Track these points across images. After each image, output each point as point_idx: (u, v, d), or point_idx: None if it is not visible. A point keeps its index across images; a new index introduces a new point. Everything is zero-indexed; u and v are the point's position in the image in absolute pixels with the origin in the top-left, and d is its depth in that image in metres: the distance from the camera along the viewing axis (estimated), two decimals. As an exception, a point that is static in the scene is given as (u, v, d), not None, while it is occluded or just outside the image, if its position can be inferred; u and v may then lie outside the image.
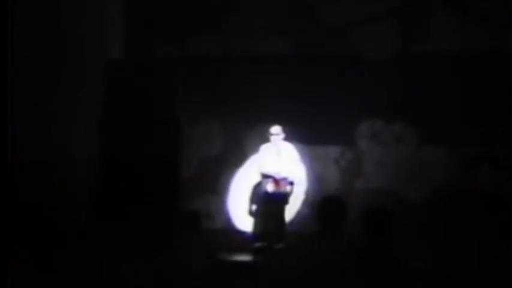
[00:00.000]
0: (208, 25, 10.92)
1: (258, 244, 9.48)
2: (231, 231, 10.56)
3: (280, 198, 9.77)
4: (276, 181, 9.71)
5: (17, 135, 7.60)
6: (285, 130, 9.85)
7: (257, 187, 9.93)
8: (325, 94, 10.54)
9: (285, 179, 9.75)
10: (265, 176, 9.77)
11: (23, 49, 8.28)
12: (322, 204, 5.50)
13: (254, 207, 9.88)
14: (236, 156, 10.82)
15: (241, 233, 10.29)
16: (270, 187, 9.69)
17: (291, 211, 10.13)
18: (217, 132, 10.96)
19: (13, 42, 7.70)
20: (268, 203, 9.71)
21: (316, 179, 10.65)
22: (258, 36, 10.80)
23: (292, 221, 10.10)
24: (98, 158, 9.51)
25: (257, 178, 9.93)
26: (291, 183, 9.79)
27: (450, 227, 9.73)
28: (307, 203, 10.56)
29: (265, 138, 9.93)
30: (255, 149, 10.19)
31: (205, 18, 10.93)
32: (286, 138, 9.94)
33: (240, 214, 10.42)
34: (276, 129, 9.83)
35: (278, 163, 9.78)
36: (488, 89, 10.10)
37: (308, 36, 10.77)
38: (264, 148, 9.92)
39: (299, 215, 10.48)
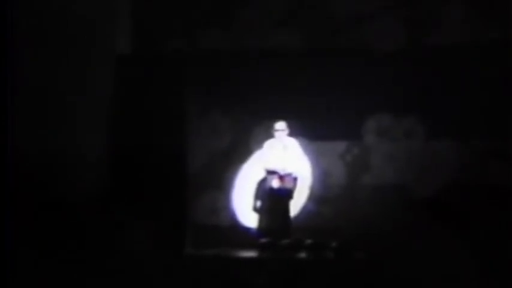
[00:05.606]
0: (217, 19, 10.85)
1: (263, 240, 9.44)
2: (236, 227, 10.49)
3: (285, 194, 9.80)
4: (281, 177, 9.70)
5: (20, 132, 7.55)
6: (291, 125, 9.81)
7: (262, 183, 9.95)
8: (331, 89, 10.45)
9: (289, 174, 9.76)
10: (269, 172, 9.77)
11: (27, 45, 8.22)
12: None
13: (259, 203, 9.89)
14: (241, 152, 10.75)
15: (247, 229, 10.25)
16: (275, 183, 9.67)
17: (296, 206, 10.13)
18: (224, 127, 10.88)
19: (17, 39, 7.65)
20: (273, 199, 9.77)
21: (321, 174, 10.57)
22: (266, 31, 10.71)
23: (297, 216, 10.09)
24: (104, 153, 9.50)
25: (262, 174, 9.91)
26: (295, 179, 9.76)
27: (459, 221, 9.66)
28: (312, 198, 10.48)
29: (270, 134, 9.90)
30: (260, 144, 10.18)
31: (215, 12, 10.86)
32: (292, 134, 9.90)
33: (245, 210, 10.40)
34: (280, 125, 9.88)
35: (283, 159, 9.76)
36: (498, 82, 10.00)
37: (315, 31, 10.67)
38: (269, 144, 9.93)
39: (304, 210, 10.41)
